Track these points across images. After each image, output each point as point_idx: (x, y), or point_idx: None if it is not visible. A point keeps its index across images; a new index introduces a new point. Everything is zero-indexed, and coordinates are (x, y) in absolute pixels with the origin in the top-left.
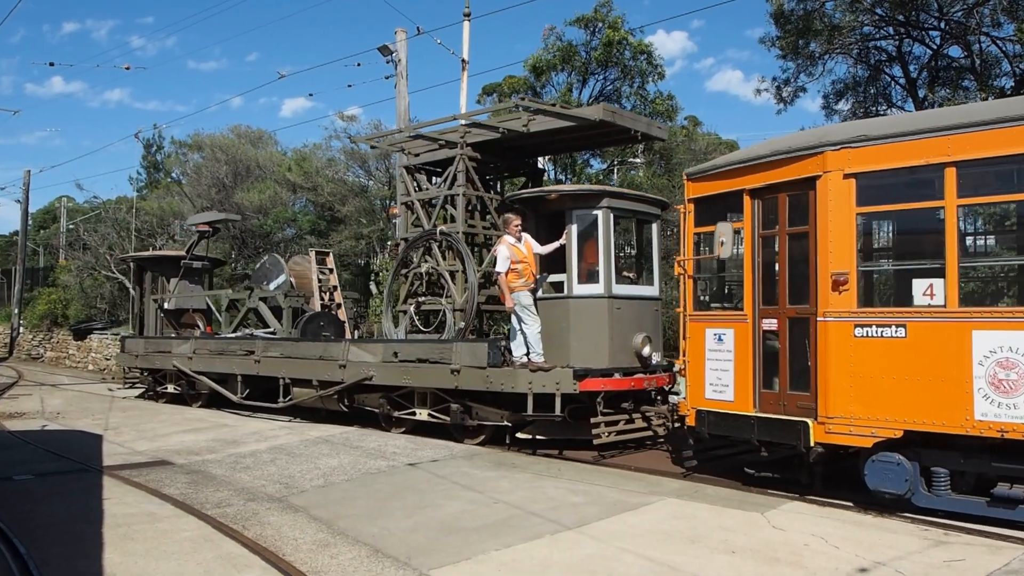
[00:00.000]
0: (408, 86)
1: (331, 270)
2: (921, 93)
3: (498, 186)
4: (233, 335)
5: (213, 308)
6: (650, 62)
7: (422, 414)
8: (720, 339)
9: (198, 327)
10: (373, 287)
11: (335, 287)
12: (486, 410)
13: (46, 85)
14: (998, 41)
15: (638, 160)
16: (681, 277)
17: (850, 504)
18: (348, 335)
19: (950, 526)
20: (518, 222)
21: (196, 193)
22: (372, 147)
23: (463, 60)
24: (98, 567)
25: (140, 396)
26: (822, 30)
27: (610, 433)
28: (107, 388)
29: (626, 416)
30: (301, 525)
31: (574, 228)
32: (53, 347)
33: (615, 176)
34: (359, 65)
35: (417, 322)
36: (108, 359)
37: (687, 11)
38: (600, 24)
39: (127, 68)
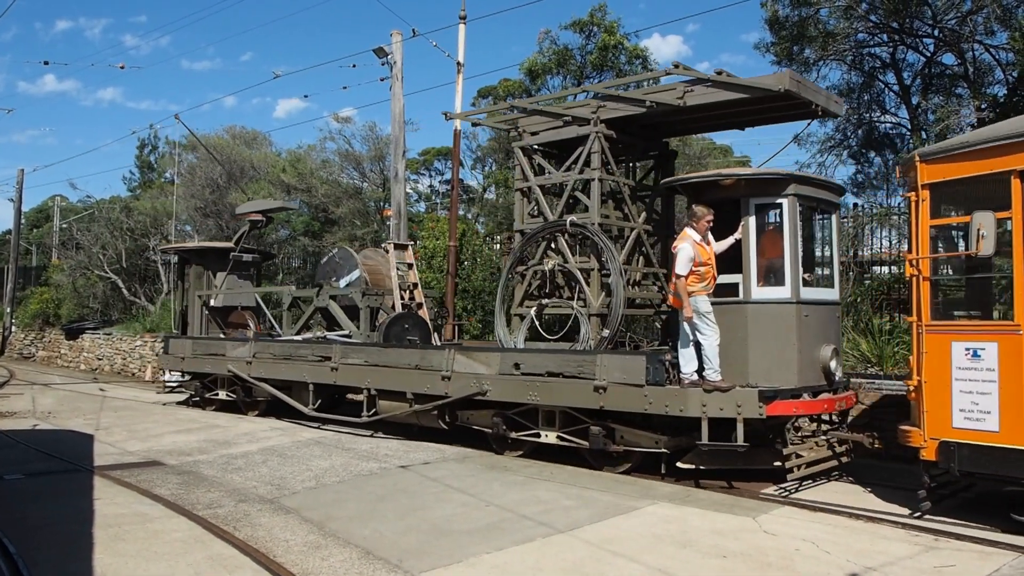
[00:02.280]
0: (403, 88)
1: (411, 265)
2: (915, 100)
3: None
4: (299, 338)
5: (264, 306)
6: (645, 66)
7: (548, 436)
8: (976, 355)
9: (248, 327)
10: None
11: (415, 284)
12: (635, 434)
13: (38, 83)
14: (991, 49)
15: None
16: (914, 280)
17: (842, 509)
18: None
19: (940, 532)
20: (711, 216)
21: (190, 193)
22: (474, 125)
23: (458, 63)
24: (88, 568)
25: (183, 403)
26: (816, 36)
27: (801, 466)
28: (99, 388)
29: (812, 443)
30: (292, 527)
31: (752, 220)
32: (45, 346)
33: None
34: (354, 66)
35: (539, 328)
36: (100, 359)
37: (683, 16)
38: (595, 28)
39: (122, 67)
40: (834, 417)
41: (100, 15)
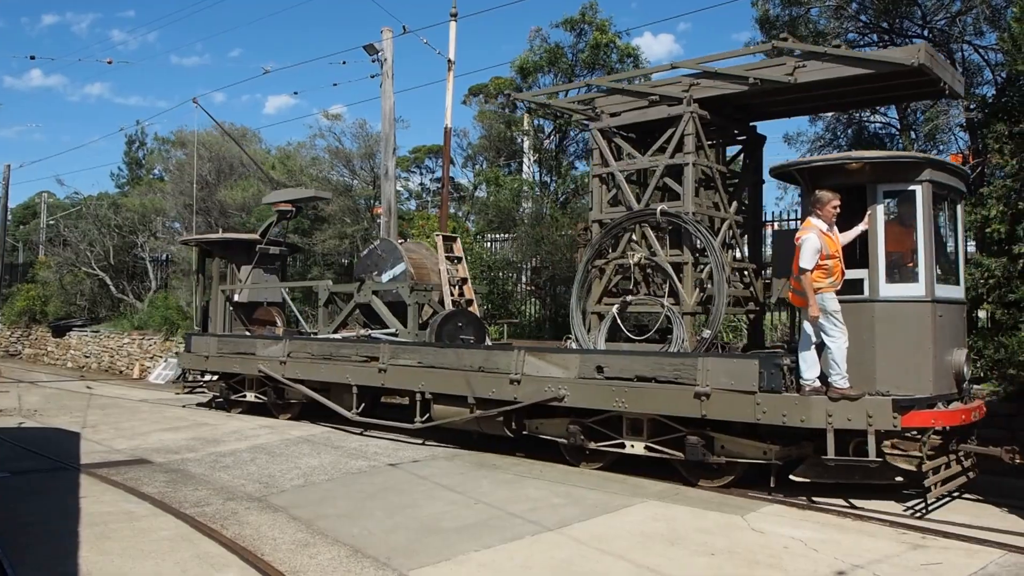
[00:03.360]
0: (394, 86)
1: (459, 258)
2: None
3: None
4: (337, 336)
5: (289, 303)
6: (637, 65)
7: (635, 447)
8: None
9: (276, 324)
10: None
11: (465, 279)
12: (739, 443)
13: (24, 78)
14: (980, 49)
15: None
16: None
17: (830, 507)
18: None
19: (928, 530)
20: (837, 202)
21: (179, 190)
22: (538, 108)
23: (449, 60)
24: (74, 566)
25: (206, 405)
26: (807, 36)
27: (938, 483)
28: (86, 386)
29: (944, 458)
30: (280, 525)
31: (880, 209)
32: (31, 344)
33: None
34: (344, 63)
35: (622, 327)
36: (87, 356)
37: (674, 15)
38: (587, 27)
39: (109, 62)
40: (947, 428)
41: (87, 10)
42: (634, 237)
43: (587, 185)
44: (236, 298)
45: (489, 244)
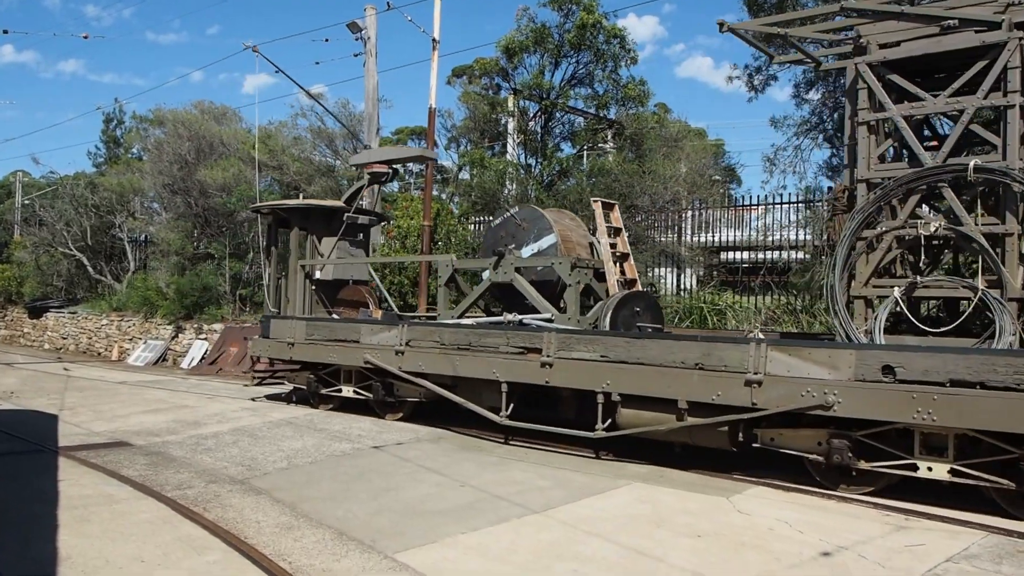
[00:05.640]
0: (377, 65)
1: (619, 230)
2: None
3: None
4: (471, 321)
5: (378, 282)
6: (623, 46)
7: (934, 469)
8: None
9: (366, 306)
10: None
11: (626, 255)
12: None
13: None
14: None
15: (608, 146)
16: None
17: (814, 490)
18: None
19: (911, 511)
20: None
21: (157, 169)
22: (751, 37)
23: (434, 39)
24: (53, 550)
25: (284, 399)
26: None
27: None
28: (63, 367)
29: None
30: (264, 507)
31: None
32: (7, 325)
33: (585, 162)
34: (327, 40)
35: (910, 316)
36: (65, 338)
37: None
38: (573, 7)
39: (86, 37)
40: None
41: None
42: (948, 200)
43: (570, 169)
44: (318, 275)
45: (473, 227)
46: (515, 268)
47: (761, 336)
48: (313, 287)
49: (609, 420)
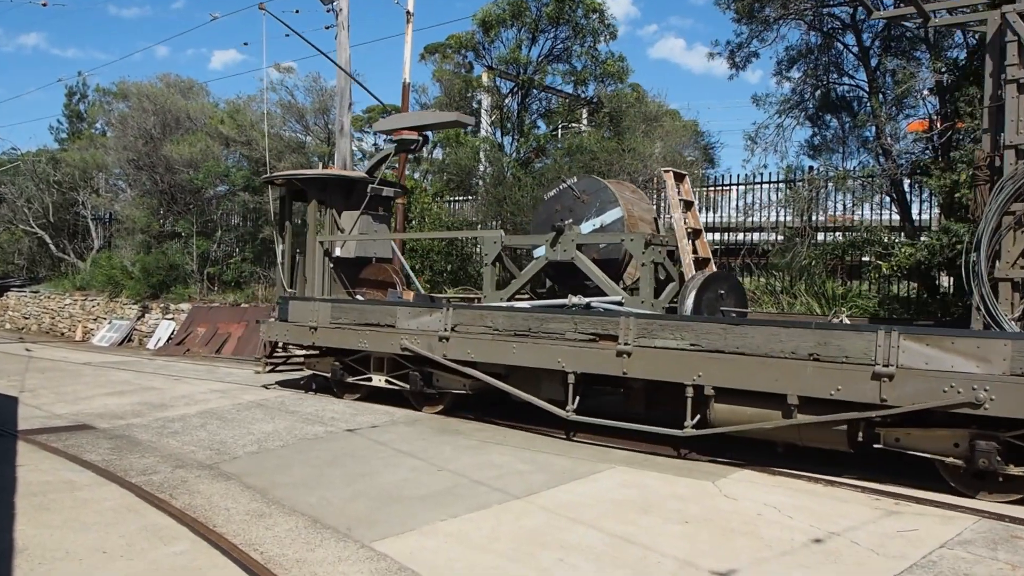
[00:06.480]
0: (350, 39)
1: (690, 204)
2: (874, 62)
3: None
4: (524, 304)
5: (403, 260)
6: (602, 21)
7: None
8: None
9: (393, 286)
10: None
11: (698, 231)
12: None
13: None
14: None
15: (580, 125)
16: None
17: (800, 474)
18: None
19: (901, 495)
20: None
21: (122, 145)
22: None
23: (408, 12)
24: (9, 540)
25: (302, 387)
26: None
27: None
28: (25, 348)
29: None
30: (234, 494)
31: None
32: None
33: (560, 139)
34: (297, 12)
35: None
36: (27, 318)
37: None
38: None
39: (44, 4)
40: None
41: None
42: None
43: (547, 146)
44: (338, 252)
45: (448, 204)
46: (576, 245)
47: (847, 321)
48: (331, 265)
49: (698, 416)
